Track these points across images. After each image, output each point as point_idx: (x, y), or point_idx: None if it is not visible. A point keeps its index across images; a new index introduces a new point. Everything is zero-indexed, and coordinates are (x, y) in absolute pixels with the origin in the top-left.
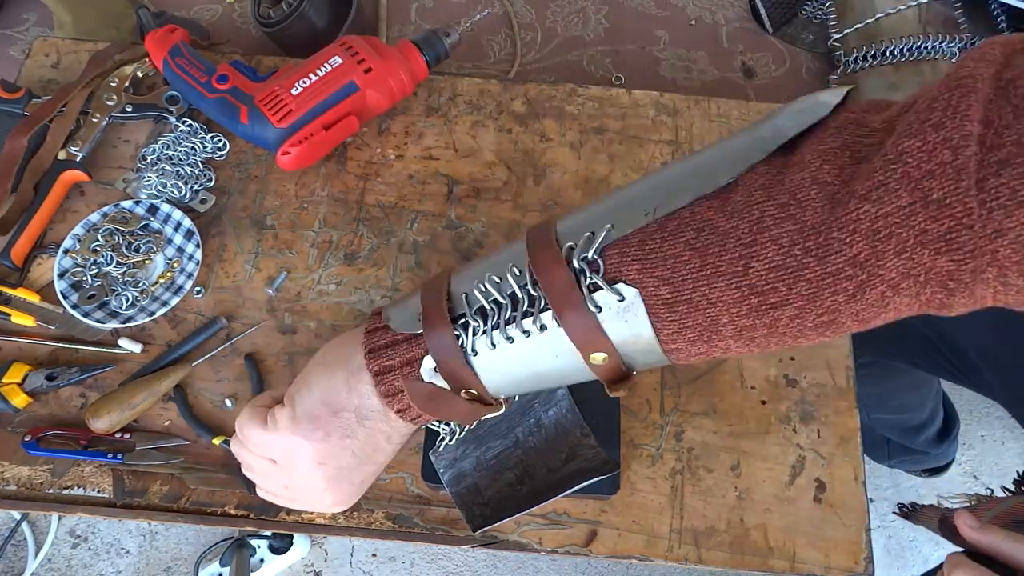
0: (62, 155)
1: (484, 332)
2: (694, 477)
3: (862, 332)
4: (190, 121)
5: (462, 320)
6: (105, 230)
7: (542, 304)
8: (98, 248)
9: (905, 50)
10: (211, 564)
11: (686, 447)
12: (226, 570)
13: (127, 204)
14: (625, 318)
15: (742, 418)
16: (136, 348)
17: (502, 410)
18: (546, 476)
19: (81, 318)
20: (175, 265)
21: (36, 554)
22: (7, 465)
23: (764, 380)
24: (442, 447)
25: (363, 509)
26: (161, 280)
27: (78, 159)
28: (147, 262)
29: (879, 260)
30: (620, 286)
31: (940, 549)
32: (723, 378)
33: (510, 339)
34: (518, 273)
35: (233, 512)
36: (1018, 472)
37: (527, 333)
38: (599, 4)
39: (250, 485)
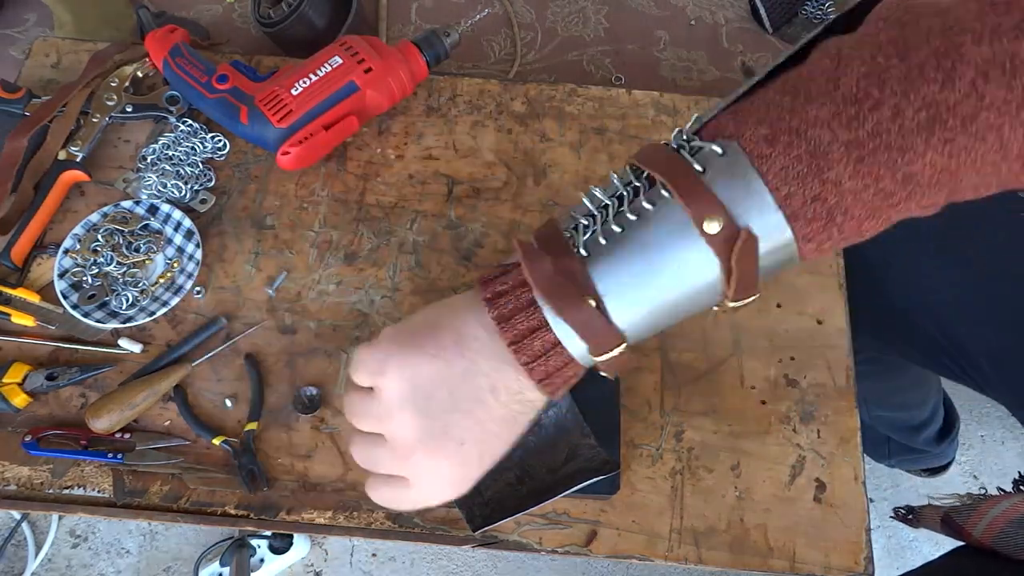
0: (62, 155)
1: (594, 231)
2: (694, 477)
3: (867, 326)
4: (190, 121)
5: (572, 229)
6: (105, 230)
7: (647, 187)
8: (98, 248)
9: None
10: (211, 564)
11: (686, 447)
12: (226, 570)
13: (127, 204)
14: (731, 172)
15: (742, 418)
16: (136, 348)
17: (622, 347)
18: (546, 476)
19: (81, 318)
20: (175, 265)
21: (36, 554)
22: (7, 465)
23: (764, 380)
24: None
25: (363, 509)
26: (161, 280)
27: (78, 159)
28: (147, 262)
29: (959, 50)
30: (719, 141)
31: (940, 549)
32: (723, 378)
33: (622, 227)
34: (622, 173)
35: (233, 512)
36: (1020, 473)
37: (638, 215)
38: (599, 4)
39: (250, 484)
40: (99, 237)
